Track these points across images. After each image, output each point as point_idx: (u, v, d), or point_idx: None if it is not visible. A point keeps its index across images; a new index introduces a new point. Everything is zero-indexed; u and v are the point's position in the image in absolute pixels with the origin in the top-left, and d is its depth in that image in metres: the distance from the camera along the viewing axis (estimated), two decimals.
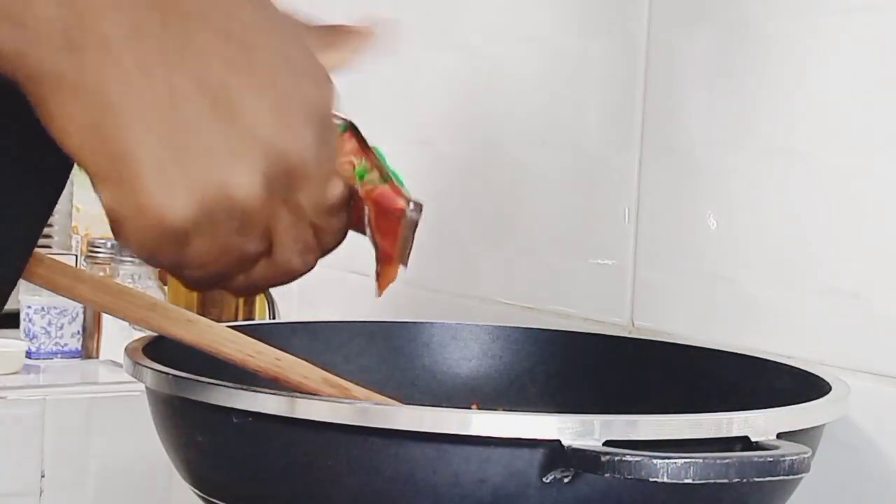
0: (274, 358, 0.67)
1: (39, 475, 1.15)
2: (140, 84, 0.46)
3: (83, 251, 1.49)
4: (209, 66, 0.48)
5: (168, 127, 0.47)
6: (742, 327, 0.87)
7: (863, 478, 0.78)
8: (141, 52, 0.46)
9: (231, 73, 0.48)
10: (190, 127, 0.47)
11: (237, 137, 0.48)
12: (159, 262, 0.50)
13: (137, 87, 0.46)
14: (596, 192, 1.01)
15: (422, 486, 0.57)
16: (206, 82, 0.47)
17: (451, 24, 1.20)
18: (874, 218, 0.78)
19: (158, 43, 0.47)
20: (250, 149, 0.48)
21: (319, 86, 0.51)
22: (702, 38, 0.91)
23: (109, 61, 0.46)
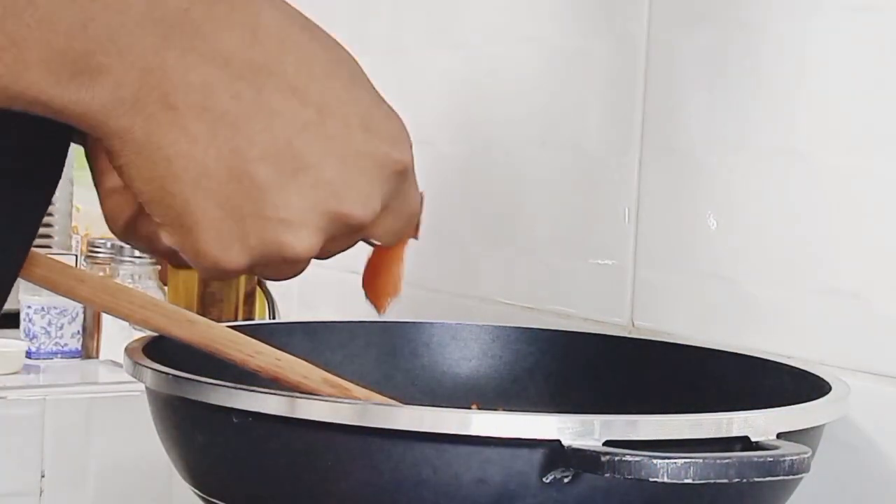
0: (274, 358, 0.67)
1: (39, 475, 1.15)
2: (203, 147, 0.47)
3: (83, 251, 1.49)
4: (277, 128, 0.48)
5: (228, 190, 0.48)
6: (742, 327, 0.87)
7: (863, 478, 0.78)
8: (207, 115, 0.47)
9: (299, 133, 0.49)
10: (251, 191, 0.49)
11: (297, 201, 0.49)
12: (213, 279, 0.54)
13: (200, 151, 0.47)
14: (596, 192, 1.01)
15: (422, 486, 0.57)
16: (272, 144, 0.48)
17: (451, 24, 1.20)
18: (874, 218, 0.78)
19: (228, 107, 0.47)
20: (310, 213, 0.50)
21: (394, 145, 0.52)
22: (702, 38, 0.91)
23: (175, 124, 0.47)
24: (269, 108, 0.48)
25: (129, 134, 0.46)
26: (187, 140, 0.47)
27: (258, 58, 0.48)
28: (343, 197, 0.50)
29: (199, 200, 0.48)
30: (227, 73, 0.47)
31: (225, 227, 0.49)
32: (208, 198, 0.48)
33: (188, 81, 0.47)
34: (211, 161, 0.48)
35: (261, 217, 0.49)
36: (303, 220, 0.50)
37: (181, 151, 0.47)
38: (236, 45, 0.48)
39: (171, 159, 0.47)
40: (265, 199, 0.49)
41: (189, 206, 0.48)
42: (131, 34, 0.45)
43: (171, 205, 0.49)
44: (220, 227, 0.49)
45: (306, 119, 0.49)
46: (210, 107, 0.47)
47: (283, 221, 0.49)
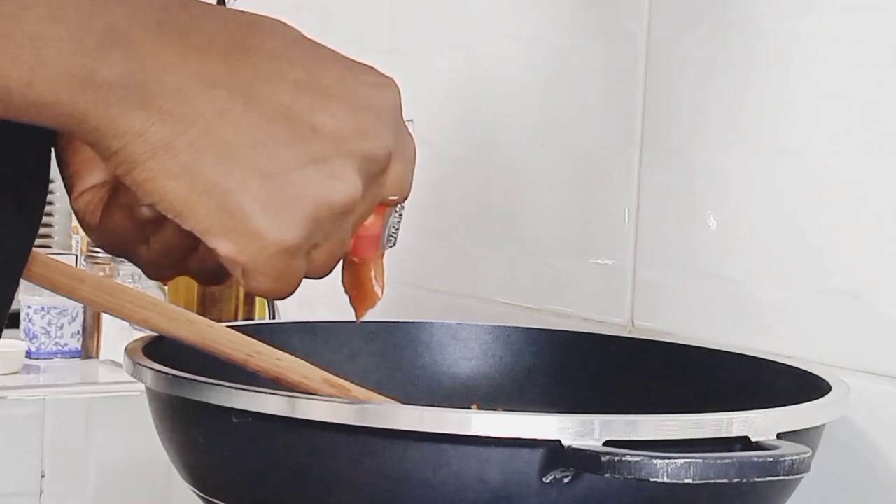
0: (274, 358, 0.67)
1: (39, 475, 1.15)
2: (223, 125, 0.48)
3: (83, 251, 1.49)
4: (279, 92, 0.49)
5: (259, 161, 0.48)
6: (742, 327, 0.87)
7: (863, 478, 0.78)
8: (215, 95, 0.47)
9: (301, 92, 0.50)
10: (279, 152, 0.49)
11: (323, 150, 0.50)
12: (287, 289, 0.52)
13: (221, 129, 0.48)
14: (596, 192, 1.01)
15: (422, 486, 0.57)
16: (280, 106, 0.49)
17: (451, 24, 1.20)
18: (874, 218, 0.78)
19: (229, 82, 0.48)
20: (339, 156, 0.50)
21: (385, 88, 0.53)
22: (702, 37, 0.91)
23: (189, 110, 0.47)
24: (263, 76, 0.49)
25: (149, 132, 0.46)
26: (205, 121, 0.47)
27: (237, 37, 0.49)
28: (363, 134, 0.51)
29: (237, 177, 0.48)
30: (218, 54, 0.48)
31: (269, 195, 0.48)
32: (243, 172, 0.48)
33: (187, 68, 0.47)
34: (231, 135, 0.48)
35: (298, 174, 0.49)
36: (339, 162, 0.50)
37: (202, 133, 0.47)
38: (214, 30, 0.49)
39: (195, 144, 0.47)
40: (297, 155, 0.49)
41: (227, 189, 0.48)
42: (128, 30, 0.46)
43: (208, 199, 0.48)
44: (265, 198, 0.48)
45: (299, 78, 0.50)
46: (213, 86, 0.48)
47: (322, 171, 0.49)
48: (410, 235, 1.22)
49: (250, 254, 0.49)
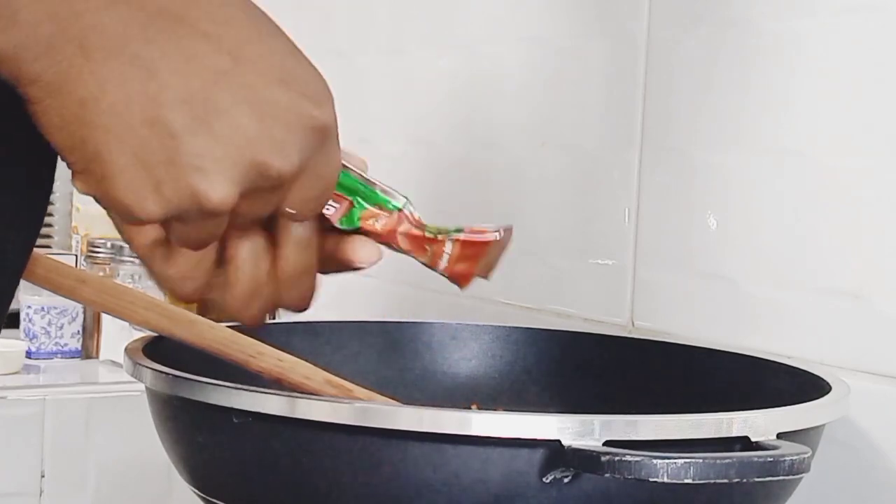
0: (276, 359, 0.67)
1: (39, 475, 1.15)
2: (115, 94, 0.47)
3: (83, 251, 1.49)
4: (193, 75, 0.48)
5: (140, 136, 0.47)
6: (742, 327, 0.87)
7: (863, 478, 0.78)
8: (121, 62, 0.47)
9: (216, 83, 0.48)
10: (163, 137, 0.48)
11: (211, 149, 0.48)
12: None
13: (112, 97, 0.47)
14: (596, 192, 1.01)
15: (422, 486, 0.57)
16: (187, 92, 0.48)
17: (450, 24, 1.20)
18: (874, 218, 0.78)
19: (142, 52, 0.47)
20: (224, 161, 0.48)
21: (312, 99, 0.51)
22: (701, 38, 0.91)
23: (87, 68, 0.46)
24: (183, 54, 0.48)
25: (42, 78, 0.46)
26: (99, 84, 0.47)
27: (172, 5, 0.48)
28: (258, 146, 0.49)
29: (112, 146, 0.47)
30: (141, 17, 0.47)
31: (138, 175, 0.48)
32: (121, 144, 0.47)
33: (101, 25, 0.46)
34: (122, 106, 0.47)
35: (174, 164, 0.48)
36: (217, 167, 0.48)
37: (93, 95, 0.47)
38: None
39: (83, 103, 0.47)
40: (178, 146, 0.48)
41: (101, 153, 0.48)
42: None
43: (83, 151, 0.48)
44: (132, 175, 0.48)
45: (221, 66, 0.48)
46: (123, 51, 0.47)
47: (197, 169, 0.48)
48: None
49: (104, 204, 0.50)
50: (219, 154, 0.48)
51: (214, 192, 0.49)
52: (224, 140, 0.48)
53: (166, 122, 0.47)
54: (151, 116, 0.47)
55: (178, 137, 0.48)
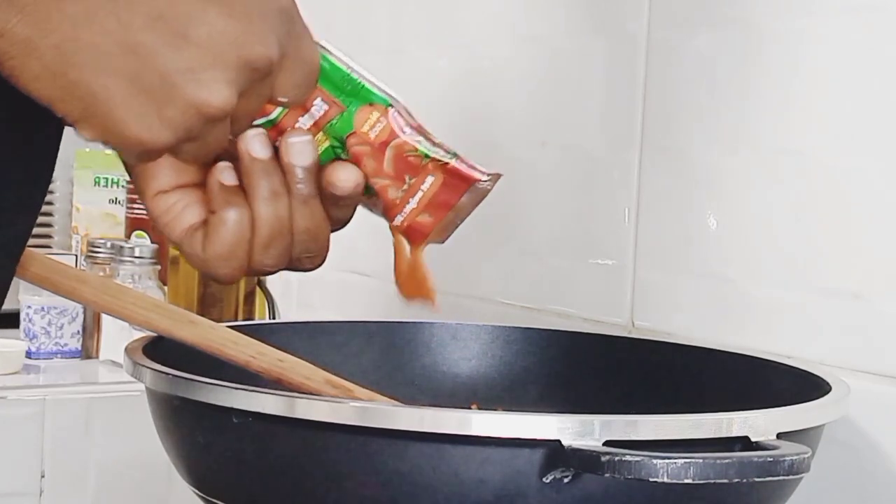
0: (276, 359, 0.67)
1: (39, 475, 1.15)
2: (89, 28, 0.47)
3: (83, 251, 1.49)
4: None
5: (128, 64, 0.47)
6: (742, 327, 0.87)
7: (863, 478, 0.78)
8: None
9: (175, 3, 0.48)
10: (150, 59, 0.48)
11: (197, 57, 0.49)
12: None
13: (88, 32, 0.47)
14: (596, 192, 1.01)
15: (422, 486, 0.57)
16: (156, 10, 0.48)
17: (451, 24, 1.20)
18: (874, 218, 0.78)
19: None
20: (213, 64, 0.49)
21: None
22: (701, 38, 0.91)
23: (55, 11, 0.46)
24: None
25: (11, 31, 0.46)
26: (71, 24, 0.46)
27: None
28: (241, 42, 0.50)
29: (102, 81, 0.47)
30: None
31: (137, 103, 0.48)
32: (110, 77, 0.47)
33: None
34: (99, 39, 0.47)
35: (167, 83, 0.48)
36: (211, 74, 0.49)
37: (67, 36, 0.46)
38: None
39: (59, 46, 0.46)
40: (166, 64, 0.48)
41: (94, 91, 0.47)
42: None
43: (75, 95, 0.47)
44: (132, 104, 0.48)
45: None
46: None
47: (193, 80, 0.49)
48: None
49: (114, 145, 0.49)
50: (208, 61, 0.49)
51: (215, 98, 0.49)
52: (207, 46, 0.49)
53: (147, 44, 0.48)
54: (131, 42, 0.47)
55: (163, 55, 0.48)
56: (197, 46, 0.49)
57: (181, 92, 0.49)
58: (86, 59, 0.47)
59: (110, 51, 0.47)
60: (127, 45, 0.47)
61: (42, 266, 0.63)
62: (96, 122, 0.48)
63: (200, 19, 0.49)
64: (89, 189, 1.58)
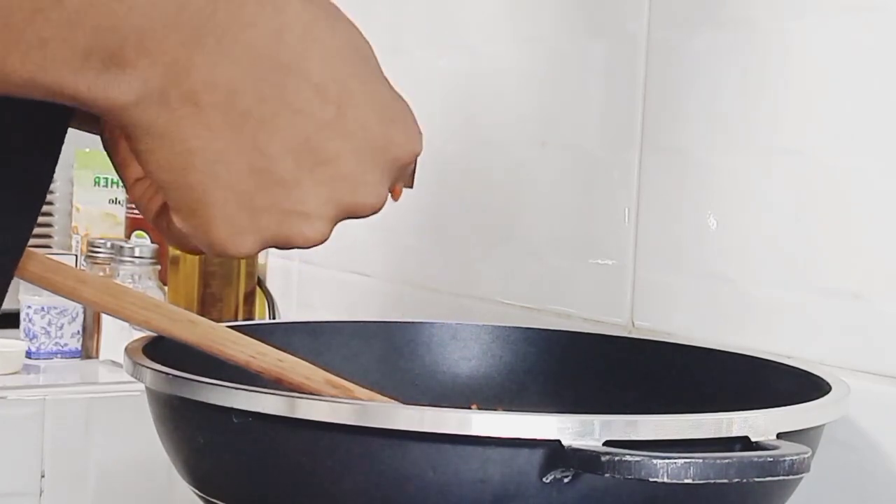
0: (276, 359, 0.67)
1: (39, 475, 1.15)
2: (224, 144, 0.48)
3: (83, 251, 1.49)
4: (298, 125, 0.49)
5: (246, 185, 0.49)
6: (742, 327, 0.87)
7: (863, 478, 0.78)
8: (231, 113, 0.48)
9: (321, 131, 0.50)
10: (268, 185, 0.50)
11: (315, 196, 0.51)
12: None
13: (221, 147, 0.48)
14: (596, 192, 1.01)
15: (422, 486, 0.57)
16: (293, 141, 0.49)
17: (451, 24, 1.20)
18: (874, 218, 0.78)
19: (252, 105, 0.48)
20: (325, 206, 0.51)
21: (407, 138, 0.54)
22: (701, 38, 0.91)
23: (200, 121, 0.47)
24: (292, 107, 0.49)
25: (153, 126, 0.47)
26: (210, 135, 0.48)
27: (283, 57, 0.49)
28: (357, 189, 0.52)
29: (218, 192, 0.49)
30: (252, 72, 0.48)
31: (241, 220, 0.50)
32: (226, 190, 0.49)
33: (213, 80, 0.47)
34: (232, 155, 0.48)
35: (278, 210, 0.50)
36: (319, 212, 0.51)
37: (203, 145, 0.48)
38: (262, 45, 0.48)
39: (192, 152, 0.48)
40: (284, 194, 0.50)
41: (206, 197, 0.49)
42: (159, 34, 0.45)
43: (187, 194, 0.49)
44: (235, 220, 0.50)
45: (327, 117, 0.50)
46: (234, 105, 0.48)
47: (300, 214, 0.50)
48: (410, 235, 1.22)
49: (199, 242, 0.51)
50: (322, 199, 0.51)
51: (313, 233, 0.51)
52: (327, 186, 0.51)
53: (273, 172, 0.49)
54: (259, 166, 0.49)
55: (284, 186, 0.50)
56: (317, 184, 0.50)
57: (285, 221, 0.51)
58: (211, 168, 0.49)
59: (236, 168, 0.49)
60: (254, 167, 0.49)
61: (42, 266, 0.63)
62: (194, 221, 0.50)
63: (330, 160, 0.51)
64: (89, 189, 1.58)
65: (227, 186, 0.49)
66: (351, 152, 0.51)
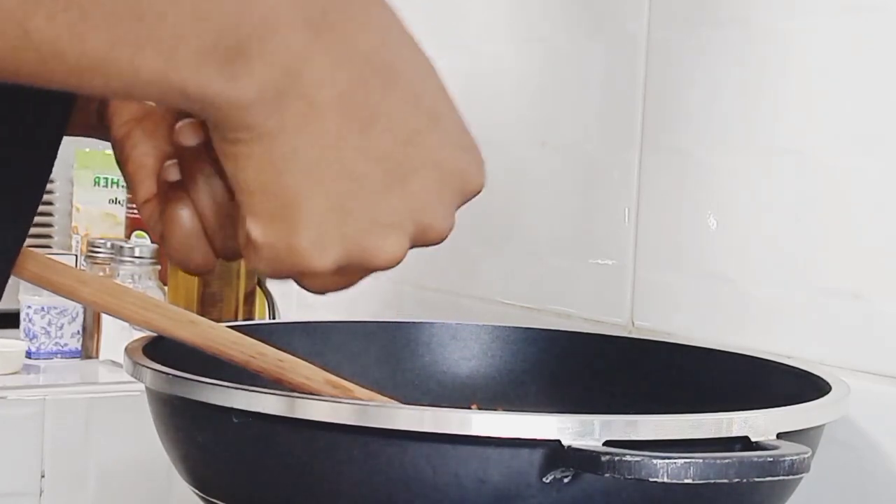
0: (276, 359, 0.67)
1: (39, 475, 1.15)
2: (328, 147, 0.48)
3: (83, 251, 1.49)
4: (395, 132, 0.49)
5: (340, 190, 0.49)
6: (742, 327, 0.87)
7: (863, 478, 0.78)
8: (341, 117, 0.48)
9: (411, 142, 0.50)
10: (360, 193, 0.49)
11: (399, 208, 0.50)
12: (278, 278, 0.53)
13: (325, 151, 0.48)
14: (596, 192, 1.01)
15: (422, 486, 0.57)
16: (387, 149, 0.49)
17: (451, 24, 1.20)
18: (874, 218, 0.78)
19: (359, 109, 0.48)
20: (407, 222, 0.51)
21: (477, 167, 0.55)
22: (701, 37, 0.91)
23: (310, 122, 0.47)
24: (391, 111, 0.49)
25: (263, 125, 0.47)
26: (316, 137, 0.47)
27: (390, 58, 0.49)
28: (433, 210, 0.51)
29: (310, 196, 0.48)
30: (363, 73, 0.48)
31: (327, 224, 0.49)
32: (319, 195, 0.49)
33: (330, 79, 0.47)
34: (332, 160, 0.48)
35: (364, 218, 0.50)
36: (398, 225, 0.50)
37: (308, 144, 0.47)
38: (372, 46, 0.48)
39: (295, 151, 0.47)
40: (373, 204, 0.50)
41: (298, 201, 0.48)
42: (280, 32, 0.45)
43: (277, 196, 0.48)
44: (321, 227, 0.49)
45: (418, 126, 0.50)
46: (344, 106, 0.48)
47: (383, 225, 0.50)
48: None
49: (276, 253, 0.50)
50: (403, 213, 0.50)
51: (391, 249, 0.51)
52: (411, 201, 0.50)
53: (367, 177, 0.49)
54: (355, 173, 0.49)
55: (374, 192, 0.49)
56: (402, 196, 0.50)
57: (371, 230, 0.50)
58: (310, 169, 0.48)
59: (334, 170, 0.48)
60: (350, 173, 0.49)
61: (41, 266, 0.63)
62: (279, 226, 0.49)
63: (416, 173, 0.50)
64: (89, 189, 1.58)
65: (321, 191, 0.48)
66: (433, 169, 0.51)
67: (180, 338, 0.66)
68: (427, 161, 0.51)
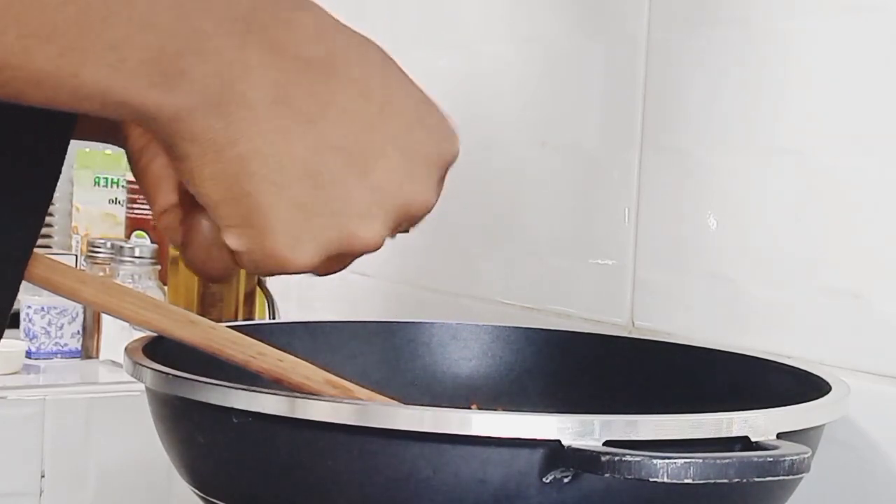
0: (276, 359, 0.67)
1: (39, 475, 1.15)
2: (279, 146, 0.48)
3: (83, 251, 1.49)
4: (348, 124, 0.49)
5: (301, 187, 0.49)
6: (742, 327, 0.87)
7: (863, 478, 0.78)
8: (284, 114, 0.48)
9: (368, 130, 0.50)
10: (322, 186, 0.49)
11: (368, 195, 0.50)
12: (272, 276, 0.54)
13: (276, 149, 0.48)
14: (596, 192, 1.01)
15: (422, 486, 0.57)
16: (342, 141, 0.49)
17: (450, 24, 1.20)
18: (874, 218, 0.78)
19: (302, 104, 0.48)
20: (379, 205, 0.51)
21: (446, 138, 0.55)
22: (701, 37, 0.91)
23: (253, 122, 0.47)
24: (338, 105, 0.49)
25: (207, 134, 0.47)
26: (263, 138, 0.48)
27: (325, 51, 0.49)
28: (408, 189, 0.52)
29: (272, 199, 0.49)
30: (300, 71, 0.48)
31: (297, 225, 0.50)
32: (281, 196, 0.49)
33: (266, 80, 0.47)
34: (285, 158, 0.48)
35: (334, 213, 0.50)
36: (373, 212, 0.51)
37: (256, 149, 0.48)
38: (304, 45, 0.48)
39: (245, 157, 0.48)
40: (338, 195, 0.50)
41: (261, 205, 0.49)
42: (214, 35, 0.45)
43: (241, 204, 0.49)
44: (291, 226, 0.49)
45: (370, 114, 0.50)
46: (286, 105, 0.48)
47: (356, 215, 0.50)
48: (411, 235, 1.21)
49: (255, 258, 0.51)
50: (374, 200, 0.51)
51: (371, 235, 0.51)
52: (379, 186, 0.51)
53: (326, 173, 0.49)
54: (311, 168, 0.49)
55: (338, 186, 0.50)
56: (370, 183, 0.50)
57: (343, 223, 0.50)
58: (265, 173, 0.48)
59: (291, 172, 0.48)
60: (308, 169, 0.49)
61: (42, 266, 0.63)
62: (251, 233, 0.50)
63: (379, 159, 0.50)
64: (89, 189, 1.58)
65: (281, 191, 0.48)
66: (396, 151, 0.51)
67: (180, 338, 0.66)
68: (387, 145, 0.51)
